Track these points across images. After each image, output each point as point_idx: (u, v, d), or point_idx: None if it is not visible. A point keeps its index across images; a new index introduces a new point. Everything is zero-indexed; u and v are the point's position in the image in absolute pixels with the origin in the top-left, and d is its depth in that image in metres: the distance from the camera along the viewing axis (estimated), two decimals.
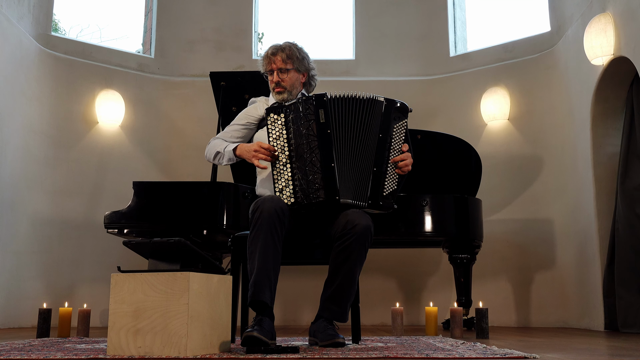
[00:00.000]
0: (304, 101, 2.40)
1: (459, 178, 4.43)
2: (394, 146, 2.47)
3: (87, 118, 5.30)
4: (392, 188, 2.44)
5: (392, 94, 5.61)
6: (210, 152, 2.64)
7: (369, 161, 2.41)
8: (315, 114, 2.37)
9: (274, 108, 2.44)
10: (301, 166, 2.36)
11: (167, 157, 5.61)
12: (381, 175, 2.41)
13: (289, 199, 2.35)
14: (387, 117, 2.46)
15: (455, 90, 5.58)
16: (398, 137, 2.48)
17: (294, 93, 2.67)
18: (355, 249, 2.29)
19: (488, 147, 5.27)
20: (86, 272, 5.10)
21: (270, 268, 2.21)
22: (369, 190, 2.39)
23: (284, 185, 2.37)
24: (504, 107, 5.27)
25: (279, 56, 2.64)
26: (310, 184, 2.33)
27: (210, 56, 5.76)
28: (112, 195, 5.17)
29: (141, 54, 5.89)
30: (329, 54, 6.26)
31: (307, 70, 2.72)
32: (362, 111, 2.43)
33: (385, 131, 2.45)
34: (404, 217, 4.00)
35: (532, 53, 5.25)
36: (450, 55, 5.70)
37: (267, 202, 2.26)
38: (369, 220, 2.33)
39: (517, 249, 5.14)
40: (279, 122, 2.40)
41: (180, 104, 5.69)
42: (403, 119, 2.51)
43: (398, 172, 2.46)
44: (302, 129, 2.37)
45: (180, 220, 3.75)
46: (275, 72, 2.65)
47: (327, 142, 2.36)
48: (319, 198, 2.32)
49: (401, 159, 2.46)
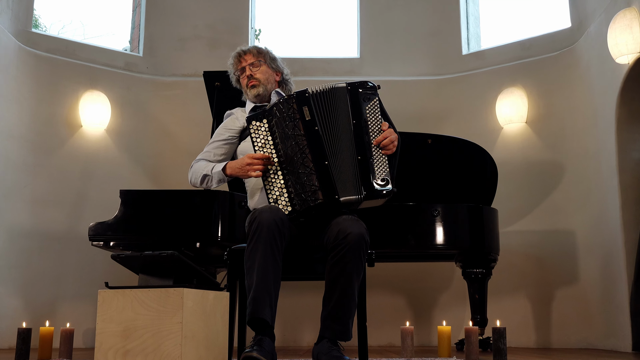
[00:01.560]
0: (284, 101, 2.44)
1: (473, 186, 4.43)
2: (372, 128, 2.47)
3: (70, 121, 5.32)
4: (385, 171, 2.44)
5: (400, 94, 5.66)
6: (196, 177, 2.65)
7: (352, 151, 2.43)
8: (299, 112, 2.41)
9: (255, 115, 2.48)
10: (293, 170, 2.38)
11: (157, 163, 5.62)
12: (367, 162, 2.42)
13: (286, 208, 2.36)
14: (355, 101, 2.48)
15: (468, 91, 5.59)
16: (374, 118, 2.49)
17: (270, 88, 2.72)
18: (349, 260, 2.30)
19: (504, 153, 5.28)
20: (69, 289, 5.09)
21: (270, 283, 2.21)
22: (359, 180, 2.40)
23: (278, 194, 2.39)
24: (521, 109, 5.28)
25: (250, 53, 2.74)
26: (306, 186, 2.35)
27: (203, 54, 5.79)
28: (97, 204, 5.18)
29: (129, 52, 5.91)
30: (331, 52, 6.27)
31: (280, 71, 2.78)
32: (332, 101, 2.47)
33: (358, 116, 2.46)
34: (413, 229, 4.00)
35: (551, 51, 5.26)
36: (462, 53, 5.72)
37: (266, 213, 2.27)
38: (362, 228, 2.34)
39: (536, 263, 5.13)
40: (263, 129, 2.43)
41: (171, 106, 5.71)
42: (373, 98, 2.51)
43: (385, 153, 2.46)
44: (287, 130, 2.40)
45: (172, 232, 3.75)
46: (246, 67, 2.72)
47: (316, 140, 2.39)
48: (318, 200, 2.34)
49: (383, 138, 2.45)
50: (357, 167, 2.41)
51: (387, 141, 2.45)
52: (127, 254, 2.04)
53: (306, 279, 2.61)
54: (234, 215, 3.85)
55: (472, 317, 4.20)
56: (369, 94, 2.50)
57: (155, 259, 1.99)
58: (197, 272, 2.05)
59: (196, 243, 3.73)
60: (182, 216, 3.77)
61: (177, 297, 1.92)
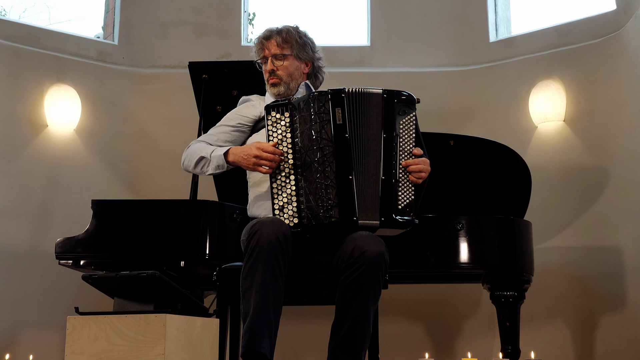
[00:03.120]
0: (316, 97, 2.43)
1: (502, 195, 4.43)
2: (402, 147, 2.50)
3: (34, 120, 5.33)
4: (409, 199, 2.47)
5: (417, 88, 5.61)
6: (191, 158, 2.65)
7: (378, 169, 2.45)
8: (331, 114, 2.40)
9: (277, 105, 2.47)
10: (309, 177, 2.38)
11: (134, 169, 5.63)
12: (391, 185, 2.44)
13: (292, 219, 2.36)
14: (389, 111, 2.49)
15: (496, 85, 5.59)
16: (407, 136, 2.52)
17: (293, 86, 2.72)
18: (366, 281, 2.30)
19: (539, 156, 5.27)
20: (32, 315, 5.09)
21: (269, 310, 2.22)
22: (379, 204, 2.41)
23: (286, 201, 2.39)
24: (558, 106, 5.28)
25: (274, 40, 2.71)
26: (321, 200, 2.35)
27: (188, 42, 5.80)
28: (66, 217, 5.18)
29: (102, 40, 5.93)
30: (337, 40, 6.29)
31: (310, 60, 2.77)
32: (363, 108, 2.48)
33: (390, 129, 2.48)
34: (433, 245, 3.99)
35: (593, 37, 5.26)
36: (490, 40, 5.72)
37: (267, 226, 2.27)
38: (382, 246, 2.35)
39: (577, 285, 5.12)
40: (283, 123, 2.43)
41: (151, 103, 5.72)
42: (410, 113, 2.54)
43: (412, 180, 2.48)
44: (312, 131, 2.39)
45: (152, 248, 3.75)
46: (269, 59, 2.70)
47: (345, 148, 2.40)
48: (332, 218, 2.34)
49: (414, 164, 2.47)
50: (380, 188, 2.42)
51: (417, 167, 2.48)
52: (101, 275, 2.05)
53: (310, 303, 2.61)
54: (224, 230, 3.84)
55: (502, 348, 4.19)
56: (406, 107, 2.52)
57: (133, 280, 2.00)
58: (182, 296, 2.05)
59: (180, 261, 3.73)
60: (164, 230, 3.77)
61: (158, 325, 1.92)
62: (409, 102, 2.54)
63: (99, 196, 4.85)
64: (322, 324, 3.62)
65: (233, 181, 4.11)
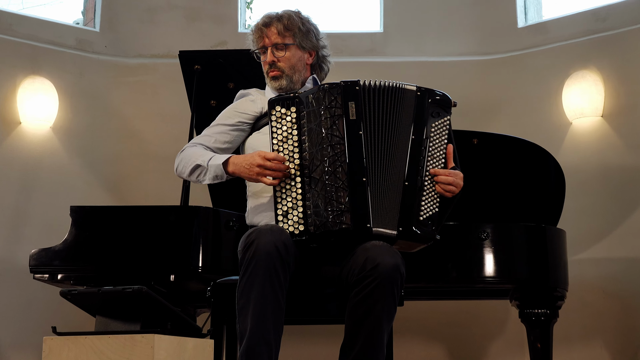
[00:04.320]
0: (327, 89, 2.44)
1: (532, 200, 4.42)
2: (432, 152, 2.51)
3: (5, 117, 5.34)
4: (432, 211, 2.48)
5: (435, 79, 5.64)
6: (186, 165, 2.65)
7: (400, 173, 2.46)
8: (343, 108, 2.41)
9: (282, 99, 2.48)
10: (317, 179, 2.38)
11: (118, 171, 5.64)
12: (415, 192, 2.44)
13: (296, 227, 2.37)
14: (421, 112, 2.50)
15: (525, 76, 5.59)
16: (438, 142, 2.53)
17: (296, 78, 2.73)
18: (379, 297, 2.30)
19: (573, 156, 5.27)
20: (4, 335, 5.10)
21: (269, 329, 2.22)
22: (398, 212, 2.41)
23: (291, 206, 2.39)
24: (595, 99, 5.27)
25: (274, 27, 2.70)
26: (330, 204, 2.35)
27: (179, 29, 5.81)
28: (41, 225, 5.19)
29: (81, 27, 5.93)
30: (346, 26, 6.28)
31: (314, 48, 2.78)
32: (391, 104, 2.49)
33: (419, 131, 2.49)
34: (455, 256, 3.99)
35: (634, 22, 5.26)
36: (518, 26, 5.72)
37: (265, 235, 2.27)
38: (398, 257, 2.35)
39: (616, 302, 5.11)
40: (289, 119, 2.44)
41: (137, 97, 5.73)
42: (445, 116, 2.56)
43: (439, 191, 2.49)
44: (321, 128, 2.40)
45: (138, 261, 3.76)
46: (269, 49, 2.70)
47: (357, 147, 2.40)
48: (343, 224, 2.35)
49: (444, 174, 2.49)
50: (401, 195, 2.43)
51: (447, 180, 2.49)
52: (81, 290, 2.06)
53: (316, 322, 2.62)
54: (219, 239, 3.85)
55: None
56: (440, 109, 2.54)
57: (118, 296, 2.01)
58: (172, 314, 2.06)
59: (170, 275, 3.73)
60: (152, 240, 3.78)
61: (146, 346, 1.93)
62: (444, 104, 2.56)
63: (78, 202, 4.86)
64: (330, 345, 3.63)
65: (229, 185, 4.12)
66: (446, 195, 2.52)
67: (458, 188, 2.53)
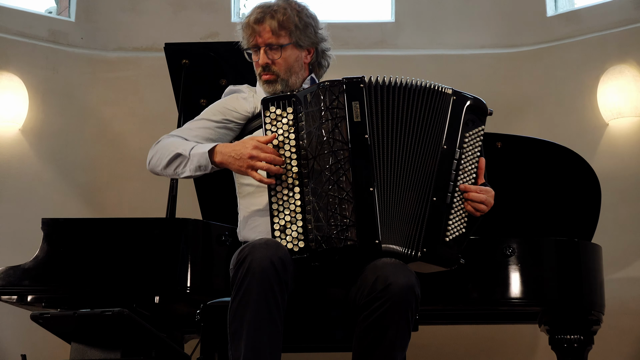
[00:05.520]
0: (328, 88, 2.44)
1: (563, 211, 4.42)
2: (464, 166, 2.52)
3: None
4: (460, 231, 2.49)
5: (453, 75, 5.65)
6: (162, 155, 2.64)
7: (425, 186, 2.46)
8: (346, 109, 2.41)
9: (276, 98, 2.48)
10: (319, 189, 2.38)
11: (96, 178, 5.64)
12: (443, 209, 2.45)
13: (296, 243, 2.36)
14: (455, 119, 2.52)
15: (555, 71, 5.59)
16: (471, 154, 2.54)
17: (293, 81, 2.71)
18: (391, 322, 2.30)
19: (610, 162, 5.26)
20: None
21: (265, 357, 2.21)
22: (422, 231, 2.41)
23: (289, 220, 2.39)
24: (634, 97, 5.27)
25: (267, 25, 2.67)
26: (334, 218, 2.35)
27: (165, 19, 5.82)
28: (9, 240, 5.19)
29: (55, 16, 5.94)
30: (353, 15, 6.29)
31: (313, 44, 2.76)
32: (418, 107, 2.49)
33: (452, 141, 2.50)
34: (476, 275, 3.98)
35: None
36: (547, 14, 5.72)
37: (259, 250, 2.27)
38: (412, 277, 2.35)
39: None
40: (285, 120, 2.44)
41: (117, 95, 5.73)
42: (479, 126, 2.58)
43: (469, 210, 2.50)
44: (322, 131, 2.40)
45: (119, 280, 3.74)
46: (262, 49, 2.68)
47: (363, 153, 2.40)
48: (348, 240, 2.34)
49: (476, 191, 2.49)
50: (427, 211, 2.43)
51: (479, 197, 2.49)
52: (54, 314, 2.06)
53: (319, 349, 2.61)
54: (210, 256, 3.84)
55: None
56: (475, 118, 2.56)
57: (96, 320, 2.01)
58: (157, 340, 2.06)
59: (155, 297, 3.72)
60: (135, 257, 3.77)
61: None
62: (480, 112, 2.58)
63: (51, 214, 4.86)
64: None
65: (221, 194, 4.12)
66: (475, 215, 2.52)
67: (489, 207, 2.54)
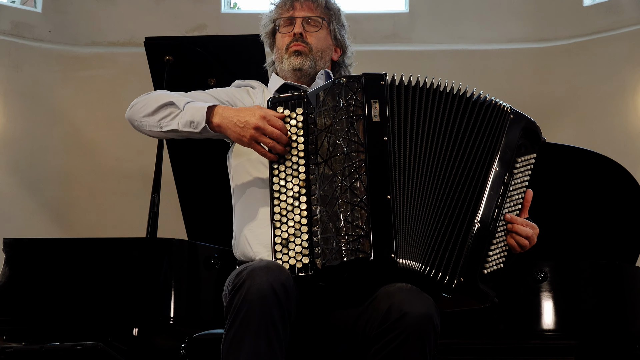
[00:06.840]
0: (344, 84, 2.46)
1: (603, 230, 4.43)
2: (511, 195, 2.54)
3: None
4: (498, 265, 2.50)
5: (477, 72, 5.65)
6: (150, 102, 2.70)
7: (465, 207, 2.47)
8: (365, 107, 2.42)
9: (285, 99, 2.51)
10: (329, 196, 2.38)
11: (66, 192, 5.65)
12: (486, 237, 2.46)
13: (299, 259, 2.37)
14: (511, 141, 2.55)
15: (593, 68, 5.61)
16: (520, 181, 2.57)
17: (320, 66, 2.82)
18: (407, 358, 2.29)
19: None
20: None
21: None
22: (459, 257, 2.41)
23: (293, 232, 2.39)
24: None
25: (311, 1, 2.83)
26: (344, 227, 2.34)
27: (144, 10, 5.84)
28: None
29: (19, 6, 5.97)
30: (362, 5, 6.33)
31: (342, 47, 2.91)
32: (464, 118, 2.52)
33: (504, 163, 2.52)
34: (503, 304, 3.97)
35: None
36: (583, 4, 5.74)
37: (259, 275, 2.26)
38: (431, 306, 2.34)
39: None
40: (293, 123, 2.47)
41: (90, 96, 5.75)
42: (531, 152, 2.60)
43: (511, 244, 2.51)
44: (335, 132, 2.42)
45: (92, 309, 3.74)
46: (298, 20, 2.80)
47: (382, 157, 2.40)
48: (360, 253, 2.33)
49: (523, 225, 2.51)
50: (466, 236, 2.44)
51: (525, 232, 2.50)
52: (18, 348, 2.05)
53: None
54: (197, 281, 3.85)
55: None
56: (528, 143, 2.59)
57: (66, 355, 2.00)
58: None
59: (133, 328, 3.72)
60: (110, 283, 3.79)
61: None
62: (534, 138, 2.61)
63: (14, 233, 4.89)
64: None
65: (210, 211, 4.12)
66: (516, 250, 2.53)
67: (531, 245, 2.54)
